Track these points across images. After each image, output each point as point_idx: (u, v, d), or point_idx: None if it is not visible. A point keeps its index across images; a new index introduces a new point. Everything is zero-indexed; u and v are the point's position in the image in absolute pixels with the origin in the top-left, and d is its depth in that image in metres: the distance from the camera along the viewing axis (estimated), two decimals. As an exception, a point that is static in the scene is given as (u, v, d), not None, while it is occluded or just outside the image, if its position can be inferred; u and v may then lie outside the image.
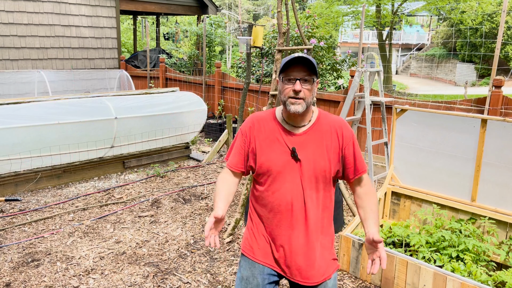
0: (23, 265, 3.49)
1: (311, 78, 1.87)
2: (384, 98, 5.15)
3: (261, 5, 38.49)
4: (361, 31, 6.19)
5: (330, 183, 1.97)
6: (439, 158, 3.89)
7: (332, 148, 1.94)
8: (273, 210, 1.95)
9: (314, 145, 1.92)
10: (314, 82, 1.89)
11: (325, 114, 2.03)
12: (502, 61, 20.81)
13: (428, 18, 31.60)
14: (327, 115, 2.03)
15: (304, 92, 1.85)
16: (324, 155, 1.93)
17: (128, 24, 24.24)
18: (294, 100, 1.85)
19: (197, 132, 6.70)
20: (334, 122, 1.98)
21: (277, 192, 1.94)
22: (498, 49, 4.93)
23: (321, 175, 1.92)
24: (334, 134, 1.95)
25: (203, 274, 3.42)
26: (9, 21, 8.40)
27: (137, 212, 4.60)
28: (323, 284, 1.99)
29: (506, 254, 3.35)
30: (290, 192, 1.91)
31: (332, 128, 1.96)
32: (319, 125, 1.96)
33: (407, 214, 4.14)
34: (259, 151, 1.98)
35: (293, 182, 1.91)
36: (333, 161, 1.94)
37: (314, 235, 1.95)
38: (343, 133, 1.96)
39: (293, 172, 1.91)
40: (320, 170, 1.91)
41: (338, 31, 22.29)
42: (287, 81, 1.88)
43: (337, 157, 1.95)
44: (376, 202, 2.00)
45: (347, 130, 1.98)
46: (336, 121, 2.00)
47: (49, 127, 5.00)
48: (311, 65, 1.85)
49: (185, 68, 11.13)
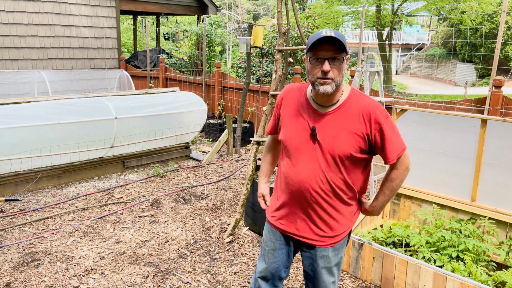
0: (23, 265, 3.49)
1: (340, 56, 1.79)
2: (384, 98, 5.15)
3: (261, 5, 38.48)
4: (361, 31, 6.19)
5: (355, 165, 1.92)
6: (439, 158, 3.89)
7: (361, 133, 1.86)
8: (292, 184, 1.97)
9: (338, 128, 1.86)
10: (344, 59, 1.81)
11: (357, 95, 1.92)
12: (502, 61, 20.82)
13: (428, 18, 31.60)
14: (359, 96, 1.92)
15: (333, 71, 1.78)
16: (349, 138, 1.85)
17: (128, 24, 24.24)
18: (323, 80, 1.80)
19: (197, 132, 6.70)
20: (364, 105, 1.87)
21: (294, 168, 1.95)
22: (498, 49, 4.93)
23: (344, 158, 1.87)
24: (361, 118, 1.86)
25: (203, 274, 3.42)
26: (9, 21, 8.40)
27: (137, 212, 4.60)
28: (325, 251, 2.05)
29: (506, 254, 3.35)
30: (306, 171, 1.90)
31: (360, 111, 1.86)
32: (347, 106, 1.88)
33: (407, 214, 4.14)
34: (283, 124, 2.02)
35: (311, 162, 1.89)
36: (360, 146, 1.87)
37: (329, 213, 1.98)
38: (371, 118, 1.85)
39: (311, 151, 1.89)
40: (341, 154, 1.86)
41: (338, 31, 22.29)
42: (315, 61, 1.80)
43: (363, 142, 1.87)
44: (395, 188, 1.99)
45: (376, 115, 1.85)
46: (367, 104, 1.88)
47: (49, 127, 5.00)
48: (339, 43, 1.76)
49: (185, 68, 11.13)
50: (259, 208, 4.04)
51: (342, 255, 2.15)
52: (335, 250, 2.10)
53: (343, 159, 1.87)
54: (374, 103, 1.89)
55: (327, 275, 2.12)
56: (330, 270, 2.12)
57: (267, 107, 4.01)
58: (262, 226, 4.06)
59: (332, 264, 2.12)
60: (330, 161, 1.87)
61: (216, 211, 4.67)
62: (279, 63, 3.98)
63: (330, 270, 2.12)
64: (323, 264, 2.09)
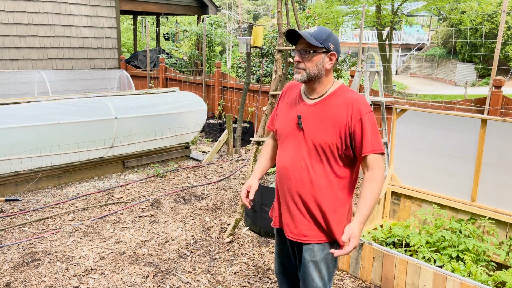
0: (23, 265, 3.49)
1: (309, 49, 1.94)
2: (384, 98, 5.15)
3: (261, 5, 38.48)
4: (361, 31, 6.19)
5: (337, 158, 1.96)
6: (439, 158, 3.89)
7: (342, 124, 1.93)
8: (278, 171, 2.10)
9: (321, 118, 1.97)
10: (315, 53, 1.94)
11: (345, 90, 2.02)
12: (502, 61, 20.82)
13: (428, 18, 31.60)
14: (346, 91, 2.02)
15: (304, 63, 1.95)
16: (331, 129, 1.94)
17: (128, 24, 24.23)
18: (296, 69, 1.98)
19: (197, 132, 6.70)
20: (349, 98, 1.97)
21: (281, 154, 2.10)
22: (498, 49, 4.93)
23: (325, 148, 1.95)
24: (345, 110, 1.94)
25: (203, 274, 3.42)
26: (9, 21, 8.40)
27: (137, 212, 4.60)
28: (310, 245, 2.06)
29: (506, 254, 3.35)
30: (289, 157, 2.03)
31: (344, 103, 1.95)
32: (332, 99, 1.99)
33: (407, 214, 4.14)
34: (278, 115, 2.18)
35: (295, 149, 2.02)
36: (340, 136, 1.93)
37: (311, 203, 2.01)
38: (353, 110, 1.92)
39: (297, 139, 2.02)
40: (323, 143, 1.94)
41: (338, 31, 22.27)
42: (295, 53, 2.00)
43: (344, 134, 1.93)
44: (375, 190, 1.92)
45: (359, 107, 1.93)
46: (352, 97, 1.96)
47: (49, 127, 5.00)
48: (308, 38, 1.92)
49: (185, 68, 11.13)
50: (259, 208, 4.04)
51: (332, 256, 2.09)
52: (322, 246, 2.07)
53: (324, 148, 1.96)
54: (359, 97, 1.98)
55: (313, 270, 2.09)
56: (316, 264, 2.07)
57: (267, 107, 4.01)
58: (262, 226, 4.07)
59: (318, 258, 2.06)
60: (312, 149, 1.98)
61: (216, 211, 4.67)
62: (279, 63, 3.98)
63: (316, 264, 2.07)
64: (309, 257, 2.07)
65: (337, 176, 2.00)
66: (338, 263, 3.50)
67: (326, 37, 1.93)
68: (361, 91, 5.76)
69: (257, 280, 3.34)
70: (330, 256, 2.10)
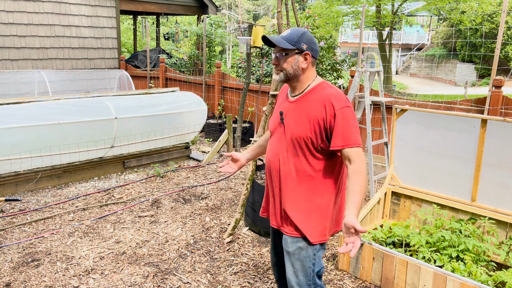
0: (23, 265, 3.49)
1: (282, 51, 2.05)
2: (384, 98, 5.15)
3: (261, 5, 38.48)
4: (361, 31, 6.19)
5: (313, 151, 2.05)
6: (439, 158, 3.89)
7: (316, 118, 2.01)
8: (265, 164, 2.26)
9: (298, 113, 2.07)
10: (289, 55, 2.05)
11: (323, 86, 2.10)
12: (502, 61, 20.82)
13: (428, 18, 31.60)
14: (325, 87, 2.09)
15: (281, 64, 2.07)
16: (306, 123, 2.03)
17: (128, 24, 24.24)
18: (274, 70, 2.13)
19: (197, 132, 6.70)
20: (326, 93, 2.04)
21: (268, 148, 2.25)
22: (498, 49, 4.93)
23: (301, 142, 2.04)
24: (321, 105, 2.01)
25: (203, 274, 3.42)
26: (9, 21, 8.40)
27: (137, 212, 4.60)
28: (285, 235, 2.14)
29: (506, 254, 3.35)
30: (272, 151, 2.17)
31: (321, 98, 2.03)
32: (310, 95, 2.08)
33: (407, 214, 4.14)
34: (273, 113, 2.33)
35: (277, 143, 2.15)
36: (315, 131, 2.01)
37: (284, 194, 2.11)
38: (328, 104, 1.99)
39: (279, 134, 2.15)
40: (298, 137, 2.04)
41: (338, 31, 22.27)
42: (273, 55, 2.14)
43: (320, 128, 2.01)
44: (361, 183, 1.93)
45: (334, 102, 1.99)
46: (328, 93, 2.04)
47: (49, 127, 5.00)
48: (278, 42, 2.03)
49: (185, 68, 11.13)
50: (259, 208, 4.04)
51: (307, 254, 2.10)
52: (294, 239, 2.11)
53: (299, 142, 2.04)
54: (336, 93, 2.04)
55: (288, 261, 2.14)
56: (289, 256, 2.12)
57: (267, 107, 4.01)
58: (262, 226, 4.07)
59: (290, 250, 2.11)
60: (289, 143, 2.08)
61: (216, 211, 4.67)
62: (279, 63, 3.98)
63: (289, 256, 2.12)
64: (284, 247, 2.17)
65: (314, 169, 2.06)
66: (338, 263, 3.50)
67: (298, 38, 2.02)
68: (361, 91, 5.76)
69: (257, 280, 3.34)
70: (303, 253, 2.10)
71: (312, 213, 2.08)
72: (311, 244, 2.10)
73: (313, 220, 2.08)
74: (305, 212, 2.08)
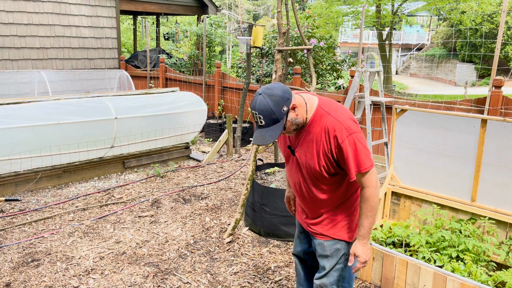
0: (23, 265, 3.49)
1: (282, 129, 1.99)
2: (384, 98, 5.15)
3: (261, 5, 38.48)
4: (361, 31, 6.19)
5: (327, 179, 2.11)
6: (439, 158, 3.89)
7: (324, 151, 2.03)
8: (292, 186, 2.35)
9: (306, 147, 2.11)
10: (283, 121, 1.97)
11: (320, 115, 2.05)
12: (502, 61, 20.82)
13: (428, 18, 31.60)
14: (322, 115, 2.04)
15: (287, 131, 2.06)
16: (315, 157, 2.07)
17: (128, 24, 24.24)
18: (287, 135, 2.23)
19: (197, 132, 6.70)
20: (325, 123, 2.02)
21: (289, 174, 2.34)
22: (498, 49, 4.93)
23: (316, 174, 2.10)
24: (325, 137, 2.02)
25: (203, 274, 3.42)
26: (9, 21, 8.40)
27: (137, 212, 4.60)
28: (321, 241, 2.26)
29: (506, 254, 3.35)
30: (292, 179, 2.28)
31: (323, 131, 2.03)
32: (311, 127, 2.08)
33: (407, 214, 4.14)
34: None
35: (295, 172, 2.24)
36: (325, 162, 2.05)
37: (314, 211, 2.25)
38: (332, 138, 2.00)
39: (294, 165, 2.23)
40: (313, 170, 2.09)
41: (338, 31, 22.28)
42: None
43: (327, 159, 2.05)
44: (368, 207, 2.06)
45: (335, 134, 1.98)
46: (328, 123, 2.01)
47: (49, 127, 5.00)
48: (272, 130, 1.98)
49: (185, 68, 11.13)
50: (259, 208, 4.04)
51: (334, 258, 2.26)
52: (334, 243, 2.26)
53: (315, 174, 2.11)
54: (335, 121, 2.00)
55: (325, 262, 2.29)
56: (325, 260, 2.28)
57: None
58: (262, 226, 4.07)
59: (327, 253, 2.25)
60: (306, 175, 2.16)
61: (216, 211, 4.67)
62: (279, 63, 3.98)
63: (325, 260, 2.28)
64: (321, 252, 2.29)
65: (336, 188, 2.15)
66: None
67: (275, 110, 1.92)
68: (361, 91, 5.76)
69: (257, 280, 3.34)
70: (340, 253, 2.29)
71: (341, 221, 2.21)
72: (348, 242, 2.24)
73: (345, 225, 2.22)
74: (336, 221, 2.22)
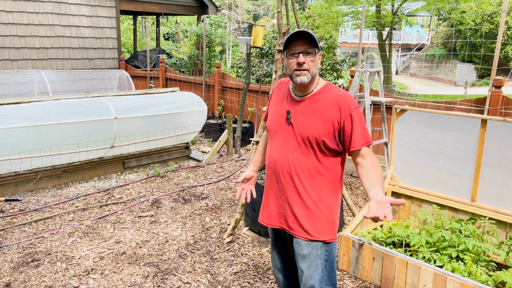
0: (23, 265, 3.49)
1: (313, 50, 2.00)
2: (384, 98, 5.15)
3: (261, 5, 38.48)
4: (361, 31, 6.19)
5: (325, 151, 2.05)
6: (439, 158, 3.89)
7: (330, 119, 2.01)
8: (267, 165, 2.18)
9: (309, 113, 2.05)
10: (316, 54, 2.02)
11: (331, 87, 2.10)
12: (502, 61, 20.82)
13: (428, 18, 31.59)
14: (333, 88, 2.09)
15: (307, 63, 1.99)
16: (319, 124, 2.02)
17: (128, 24, 24.24)
18: (299, 72, 2.01)
19: (197, 132, 6.70)
20: (338, 95, 2.04)
21: (270, 149, 2.18)
22: (498, 49, 4.93)
23: (312, 142, 2.03)
24: (336, 106, 2.02)
25: (203, 274, 3.42)
26: (9, 21, 8.40)
27: (137, 212, 4.60)
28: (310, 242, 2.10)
29: (506, 254, 3.35)
30: (278, 151, 2.11)
31: (334, 100, 2.03)
32: (320, 95, 2.07)
33: (407, 214, 4.14)
34: (269, 111, 2.26)
35: (283, 143, 2.10)
36: (327, 131, 2.02)
37: (295, 195, 2.08)
38: (344, 106, 2.01)
39: (286, 134, 2.09)
40: (311, 137, 2.02)
41: (338, 31, 22.28)
42: (291, 56, 2.02)
43: (333, 129, 2.02)
44: (381, 174, 2.01)
45: (348, 103, 2.01)
46: (340, 94, 2.05)
47: (49, 127, 4.99)
48: (311, 38, 1.98)
49: (185, 68, 11.13)
50: (259, 208, 4.04)
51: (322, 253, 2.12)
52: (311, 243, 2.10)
53: (311, 142, 2.03)
54: (347, 94, 2.07)
55: (303, 265, 2.12)
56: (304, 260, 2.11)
57: (267, 107, 4.00)
58: (262, 226, 4.07)
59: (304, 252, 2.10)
60: (301, 143, 2.05)
61: (216, 211, 4.67)
62: (279, 63, 3.98)
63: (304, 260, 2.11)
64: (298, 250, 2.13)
65: (325, 168, 2.07)
66: (338, 263, 3.50)
67: (316, 38, 2.02)
68: (361, 91, 5.76)
69: (257, 280, 3.34)
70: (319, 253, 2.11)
71: (323, 212, 2.09)
72: (326, 243, 2.12)
73: (325, 220, 2.09)
74: (318, 211, 2.09)
